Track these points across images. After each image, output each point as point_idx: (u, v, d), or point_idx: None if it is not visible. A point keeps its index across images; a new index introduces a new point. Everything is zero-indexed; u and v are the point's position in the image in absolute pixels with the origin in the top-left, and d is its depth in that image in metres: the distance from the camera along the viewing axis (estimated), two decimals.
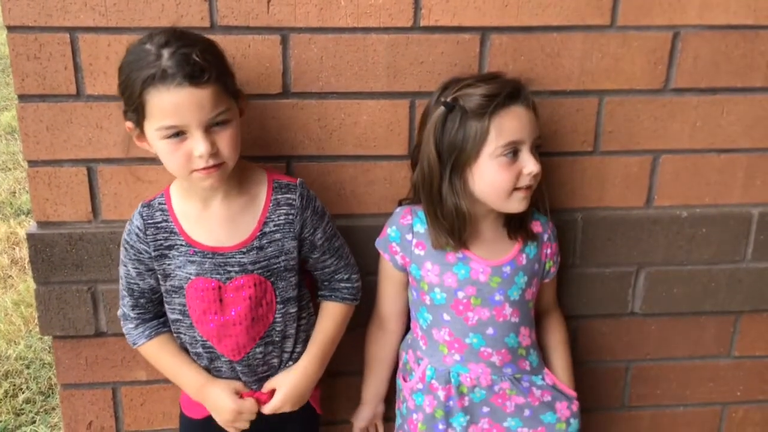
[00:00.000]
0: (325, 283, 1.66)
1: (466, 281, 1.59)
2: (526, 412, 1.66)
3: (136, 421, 1.86)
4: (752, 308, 1.95)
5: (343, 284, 1.65)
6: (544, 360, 1.74)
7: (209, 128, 1.36)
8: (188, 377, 1.58)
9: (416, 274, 1.64)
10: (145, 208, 1.52)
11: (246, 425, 1.57)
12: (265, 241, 1.50)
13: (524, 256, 1.62)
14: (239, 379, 1.59)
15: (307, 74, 1.64)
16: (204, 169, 1.38)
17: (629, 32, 1.68)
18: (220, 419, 1.57)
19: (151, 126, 1.37)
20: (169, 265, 1.51)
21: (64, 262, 1.68)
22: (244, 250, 1.49)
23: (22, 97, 1.60)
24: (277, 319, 1.55)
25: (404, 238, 1.63)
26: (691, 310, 1.93)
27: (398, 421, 1.79)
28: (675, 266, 1.87)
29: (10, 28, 1.54)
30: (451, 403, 1.65)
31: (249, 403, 1.56)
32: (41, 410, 2.77)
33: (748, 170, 1.83)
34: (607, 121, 1.75)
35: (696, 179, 1.83)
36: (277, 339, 1.57)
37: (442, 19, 1.62)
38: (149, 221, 1.51)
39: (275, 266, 1.52)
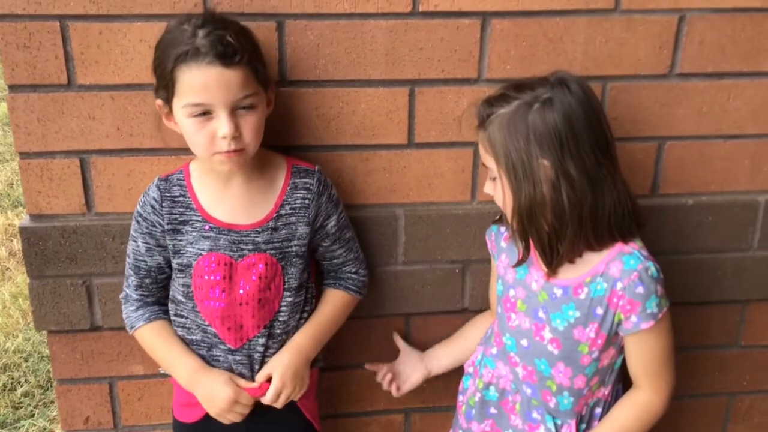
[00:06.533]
0: (332, 274, 1.67)
1: (519, 281, 1.55)
2: None
3: (134, 415, 1.84)
4: (759, 297, 1.93)
5: (349, 275, 1.67)
6: (586, 422, 1.56)
7: (235, 110, 1.39)
8: (182, 362, 1.55)
9: (496, 263, 1.65)
10: (163, 182, 1.53)
11: (239, 418, 1.52)
12: (280, 223, 1.52)
13: (585, 289, 1.45)
14: (235, 372, 1.56)
15: (304, 62, 1.60)
16: (225, 153, 1.40)
17: (634, 16, 1.64)
18: (214, 407, 1.51)
19: (179, 103, 1.39)
20: (180, 241, 1.51)
21: (58, 256, 1.65)
22: (260, 229, 1.50)
23: (13, 88, 1.56)
24: (283, 308, 1.55)
25: (499, 229, 1.65)
26: (697, 300, 1.90)
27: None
28: (681, 255, 1.84)
29: None
30: (477, 394, 1.65)
31: (246, 395, 1.52)
32: (40, 403, 2.76)
33: (754, 157, 1.80)
34: (611, 108, 1.71)
35: (702, 166, 1.79)
36: (278, 331, 1.56)
37: (442, 4, 1.58)
38: (166, 194, 1.51)
39: (287, 250, 1.53)
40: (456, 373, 1.85)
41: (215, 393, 1.51)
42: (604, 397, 1.56)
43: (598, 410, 1.56)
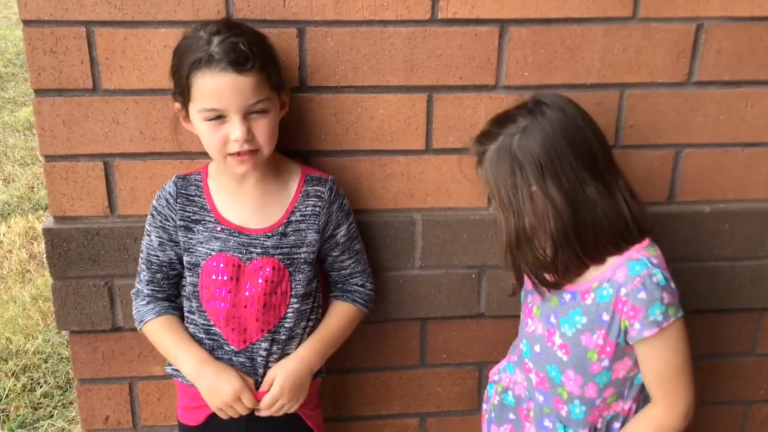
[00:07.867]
0: (339, 285, 1.67)
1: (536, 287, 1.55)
2: None
3: (153, 415, 1.86)
4: None
5: (356, 288, 1.67)
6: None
7: (247, 115, 1.42)
8: (188, 352, 1.54)
9: None
10: (180, 180, 1.57)
11: (236, 415, 1.51)
12: (289, 229, 1.54)
13: (592, 294, 1.44)
14: None
15: (324, 68, 1.62)
16: (238, 154, 1.44)
17: (651, 24, 1.65)
18: (218, 399, 1.50)
19: (194, 108, 1.43)
20: (190, 239, 1.54)
21: (81, 257, 1.68)
22: (269, 234, 1.53)
23: (39, 92, 1.59)
24: (288, 315, 1.56)
25: None
26: (714, 307, 1.90)
27: None
28: (697, 262, 1.84)
29: (26, 22, 1.54)
30: (497, 398, 1.65)
31: (249, 395, 1.51)
32: (59, 404, 2.78)
33: None
34: (629, 115, 1.72)
35: (719, 174, 1.80)
36: (283, 337, 1.56)
37: (461, 11, 1.60)
38: (182, 191, 1.55)
39: (295, 256, 1.54)
40: (471, 377, 1.86)
41: (221, 384, 1.50)
42: (623, 412, 1.52)
43: (617, 425, 1.53)
